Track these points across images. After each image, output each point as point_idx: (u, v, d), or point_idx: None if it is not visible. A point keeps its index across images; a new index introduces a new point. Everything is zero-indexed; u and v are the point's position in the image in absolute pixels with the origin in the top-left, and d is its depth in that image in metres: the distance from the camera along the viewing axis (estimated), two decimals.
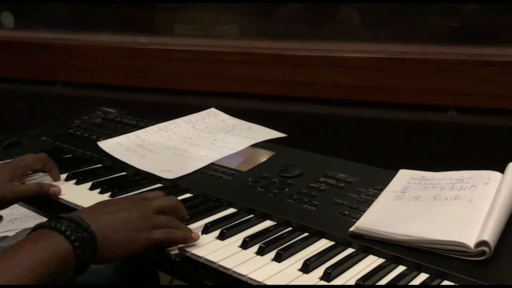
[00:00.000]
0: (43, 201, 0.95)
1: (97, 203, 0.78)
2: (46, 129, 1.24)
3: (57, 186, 0.94)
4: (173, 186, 0.98)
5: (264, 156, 1.06)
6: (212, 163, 1.04)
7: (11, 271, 0.61)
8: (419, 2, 1.40)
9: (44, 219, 1.42)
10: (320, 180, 0.94)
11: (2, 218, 1.44)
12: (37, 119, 1.34)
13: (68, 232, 0.66)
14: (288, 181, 0.95)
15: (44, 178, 1.00)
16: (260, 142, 1.12)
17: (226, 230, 0.79)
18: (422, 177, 0.91)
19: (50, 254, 0.64)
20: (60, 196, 0.94)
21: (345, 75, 1.38)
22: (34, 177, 1.01)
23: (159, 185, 0.99)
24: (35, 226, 0.69)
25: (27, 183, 0.98)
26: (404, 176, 0.92)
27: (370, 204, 0.85)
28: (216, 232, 0.80)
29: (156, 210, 0.77)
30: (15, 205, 1.12)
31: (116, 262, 1.06)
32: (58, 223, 0.67)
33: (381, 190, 0.89)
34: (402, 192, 0.87)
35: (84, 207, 0.85)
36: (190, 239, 0.77)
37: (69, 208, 0.91)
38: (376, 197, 0.87)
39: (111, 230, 0.71)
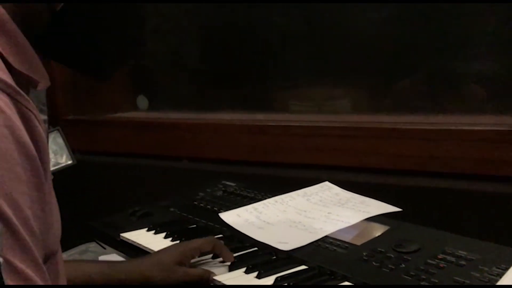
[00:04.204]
0: None
1: None
2: (174, 201, 1.35)
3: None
4: (288, 257, 1.01)
5: (378, 230, 1.05)
6: (326, 236, 1.06)
7: None
8: None
9: None
10: (438, 257, 0.91)
11: None
12: (166, 191, 1.46)
13: None
14: (404, 256, 0.93)
15: None
16: (374, 216, 1.13)
17: None
18: None
19: None
20: None
21: (465, 148, 1.34)
22: None
23: (274, 256, 1.02)
24: None
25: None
26: None
27: (494, 284, 0.80)
28: None
29: None
30: (115, 254, 1.12)
31: None
32: None
33: (506, 269, 0.84)
34: None
35: None
36: None
37: None
38: (501, 277, 0.82)
39: None
